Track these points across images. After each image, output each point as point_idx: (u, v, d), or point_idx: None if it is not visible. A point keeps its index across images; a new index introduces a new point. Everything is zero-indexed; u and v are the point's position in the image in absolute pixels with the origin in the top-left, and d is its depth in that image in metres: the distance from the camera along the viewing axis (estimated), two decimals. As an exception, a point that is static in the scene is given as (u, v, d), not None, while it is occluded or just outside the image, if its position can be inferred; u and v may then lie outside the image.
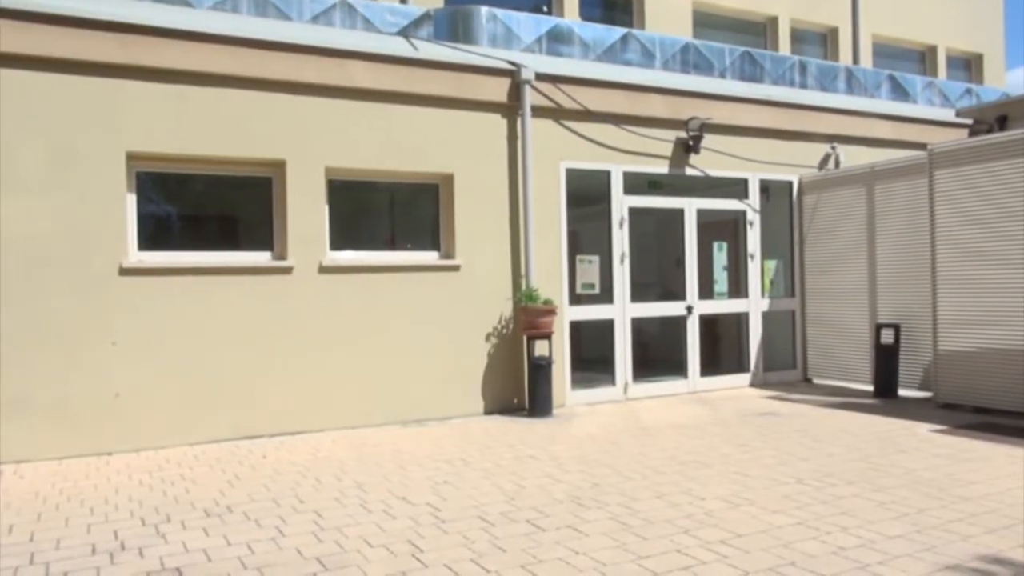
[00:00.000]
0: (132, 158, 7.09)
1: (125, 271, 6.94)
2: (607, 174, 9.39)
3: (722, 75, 11.32)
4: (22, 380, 6.55)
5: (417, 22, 9.21)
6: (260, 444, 7.20)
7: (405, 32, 9.05)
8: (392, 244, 8.54)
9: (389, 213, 8.73)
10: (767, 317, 10.53)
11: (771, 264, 10.64)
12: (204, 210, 7.87)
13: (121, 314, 6.92)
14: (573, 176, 9.18)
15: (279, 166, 7.69)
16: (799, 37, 15.16)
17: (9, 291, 6.53)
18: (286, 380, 7.57)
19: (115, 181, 6.94)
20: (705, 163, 9.98)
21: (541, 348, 8.54)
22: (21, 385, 6.55)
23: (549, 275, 8.89)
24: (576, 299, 9.27)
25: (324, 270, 7.77)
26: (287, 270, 7.62)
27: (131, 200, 7.16)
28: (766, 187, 10.61)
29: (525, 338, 8.58)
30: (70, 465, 6.46)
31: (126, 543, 4.53)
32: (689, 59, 11.07)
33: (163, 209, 7.48)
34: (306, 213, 7.73)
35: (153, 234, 7.32)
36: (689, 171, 9.91)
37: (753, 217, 10.45)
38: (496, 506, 5.13)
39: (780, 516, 4.79)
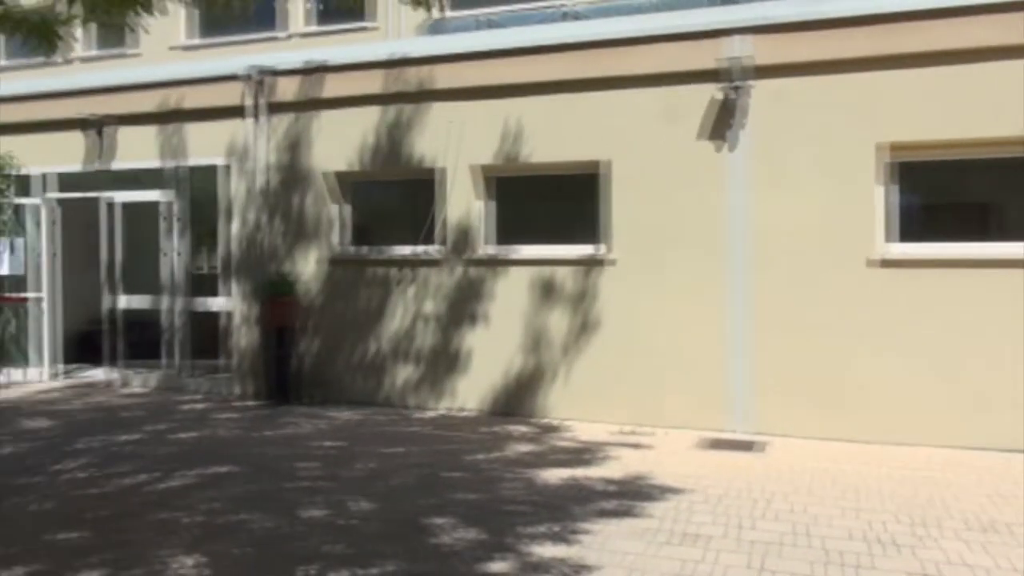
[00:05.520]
0: (882, 149, 7.05)
1: (875, 262, 6.98)
2: None
3: None
4: (778, 361, 7.20)
5: None
6: None
7: None
8: None
9: None
10: None
11: None
12: (953, 199, 7.37)
13: (868, 305, 6.98)
14: None
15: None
16: None
17: (776, 280, 7.22)
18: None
19: (865, 173, 7.02)
20: None
21: None
22: (778, 365, 7.21)
23: None
24: None
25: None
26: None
27: (880, 192, 7.14)
28: None
29: None
30: (823, 446, 6.83)
31: (882, 536, 4.58)
32: None
33: (910, 199, 7.26)
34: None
35: (901, 226, 7.16)
36: None
37: None
38: None
39: None
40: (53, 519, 4.97)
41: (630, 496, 5.37)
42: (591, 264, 7.83)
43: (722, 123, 7.37)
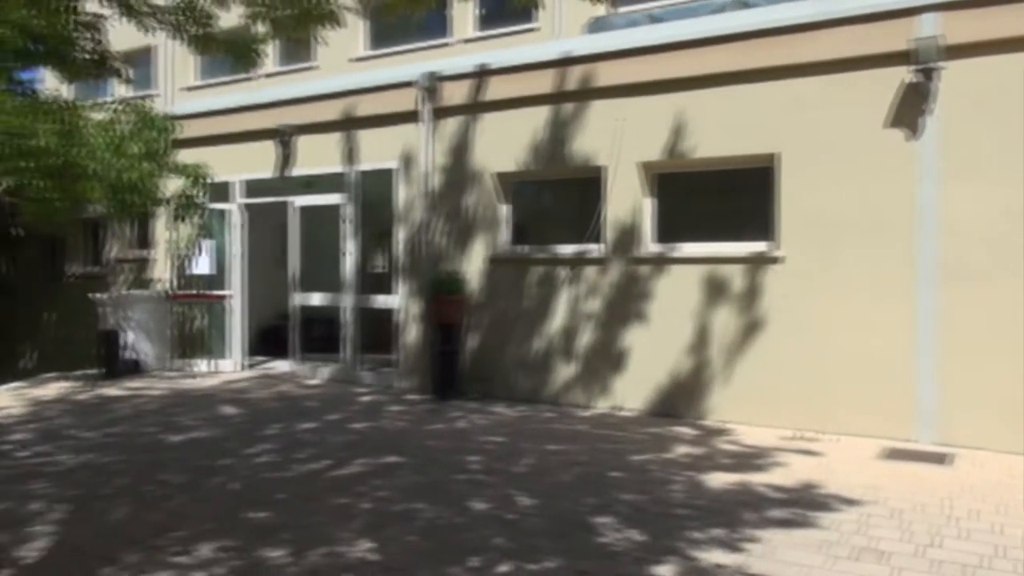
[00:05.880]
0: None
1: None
2: None
3: None
4: (971, 367, 6.60)
5: None
6: None
7: None
8: None
9: None
10: None
11: None
12: None
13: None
14: None
15: None
16: None
17: (970, 279, 6.63)
18: None
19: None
20: None
21: None
22: (970, 372, 6.61)
23: None
24: None
25: None
26: None
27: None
28: None
29: None
30: (1020, 462, 6.17)
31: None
32: None
33: None
34: None
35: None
36: None
37: None
38: None
39: None
40: (244, 499, 5.39)
41: (801, 505, 5.11)
42: (759, 262, 7.53)
43: (909, 109, 6.86)
